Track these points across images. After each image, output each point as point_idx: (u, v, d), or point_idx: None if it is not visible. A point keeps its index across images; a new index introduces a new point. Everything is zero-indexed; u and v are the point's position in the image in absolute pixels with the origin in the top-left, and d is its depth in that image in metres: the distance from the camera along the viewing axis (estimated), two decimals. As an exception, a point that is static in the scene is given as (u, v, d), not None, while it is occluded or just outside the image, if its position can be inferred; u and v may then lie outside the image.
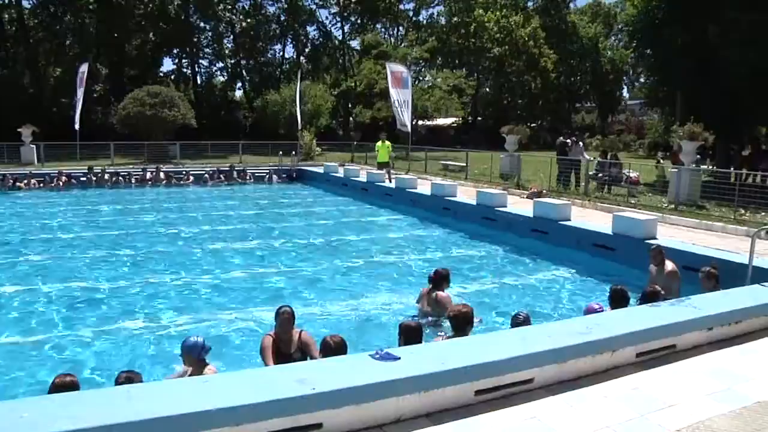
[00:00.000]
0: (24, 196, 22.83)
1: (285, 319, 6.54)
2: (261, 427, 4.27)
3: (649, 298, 7.39)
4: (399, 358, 5.10)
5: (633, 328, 6.09)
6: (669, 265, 9.09)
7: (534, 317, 7.59)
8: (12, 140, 30.65)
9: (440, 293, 8.56)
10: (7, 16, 50.66)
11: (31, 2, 51.33)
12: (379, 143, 23.86)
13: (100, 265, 12.15)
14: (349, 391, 4.60)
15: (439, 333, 7.65)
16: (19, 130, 30.63)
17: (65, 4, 49.98)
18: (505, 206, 15.68)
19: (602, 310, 7.09)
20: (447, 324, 8.17)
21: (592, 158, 21.67)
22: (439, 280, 8.69)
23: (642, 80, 60.96)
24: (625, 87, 75.10)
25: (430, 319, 8.45)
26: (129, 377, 5.32)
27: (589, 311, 7.05)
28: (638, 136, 49.76)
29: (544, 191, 19.17)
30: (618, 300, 7.37)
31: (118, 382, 5.26)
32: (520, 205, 16.54)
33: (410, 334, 6.22)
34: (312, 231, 16.28)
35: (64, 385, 5.07)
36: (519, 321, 6.92)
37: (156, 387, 4.91)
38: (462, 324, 6.49)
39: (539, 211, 14.09)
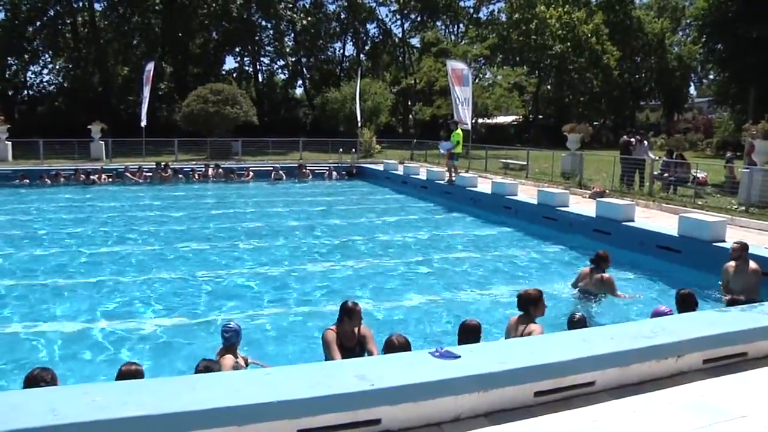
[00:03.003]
0: (99, 190, 23.68)
1: (355, 313, 6.58)
2: (319, 420, 4.33)
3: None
4: (459, 357, 5.09)
5: (700, 333, 5.91)
6: (752, 264, 8.82)
7: (596, 319, 7.50)
8: (82, 137, 31.81)
9: (605, 274, 9.42)
10: (80, 18, 52.52)
11: (102, 4, 53.13)
12: (452, 132, 22.53)
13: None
14: (408, 388, 4.60)
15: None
16: (89, 127, 31.77)
17: (133, 5, 51.48)
18: (567, 206, 15.49)
19: (671, 314, 6.93)
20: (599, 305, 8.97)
21: (657, 158, 21.13)
22: (600, 260, 9.56)
23: (711, 76, 58.96)
24: (693, 84, 72.84)
25: (592, 297, 9.37)
26: (208, 366, 5.51)
27: (657, 314, 6.89)
28: (706, 135, 48.15)
29: (607, 191, 18.79)
30: (685, 304, 7.19)
31: (197, 370, 5.45)
32: (582, 205, 16.30)
33: (470, 333, 6.21)
34: (370, 228, 16.40)
35: (129, 373, 5.29)
36: (575, 321, 6.83)
37: (219, 378, 5.02)
38: (525, 304, 6.69)
39: (602, 211, 13.87)
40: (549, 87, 60.86)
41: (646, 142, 21.45)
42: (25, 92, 55.39)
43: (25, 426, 3.78)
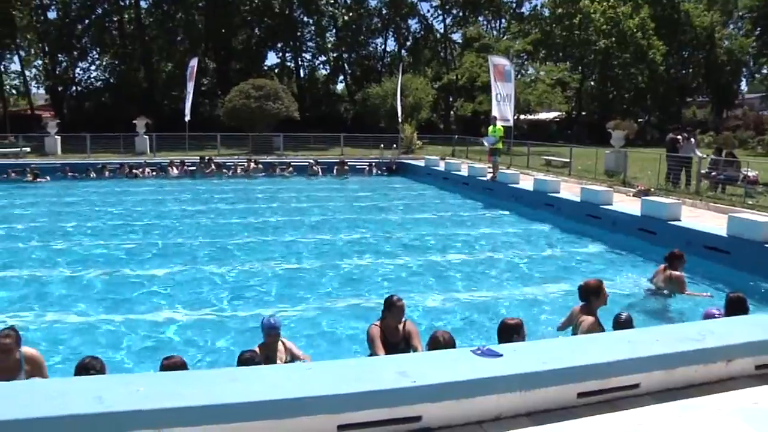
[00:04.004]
0: (145, 183, 24.21)
1: (398, 308, 6.56)
2: (359, 416, 4.31)
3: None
4: (501, 355, 5.03)
5: (752, 338, 5.70)
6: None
7: (642, 321, 7.37)
8: (128, 131, 32.46)
9: (674, 272, 9.36)
10: (126, 16, 53.62)
11: (147, 2, 54.16)
12: (490, 128, 22.40)
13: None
14: (449, 386, 4.57)
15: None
16: (134, 122, 32.41)
17: (177, 2, 52.32)
18: (611, 204, 15.24)
19: (721, 317, 6.75)
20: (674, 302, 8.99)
21: (705, 155, 20.62)
22: (672, 258, 9.50)
23: (765, 71, 57.46)
24: (744, 79, 70.85)
25: (669, 295, 9.38)
26: (252, 356, 5.56)
27: (708, 316, 6.72)
28: (757, 133, 46.79)
29: (652, 189, 18.42)
30: (735, 308, 6.98)
31: (239, 361, 5.54)
32: (626, 204, 15.98)
33: (511, 331, 6.15)
34: (411, 224, 16.40)
35: (172, 366, 5.37)
36: (621, 321, 6.71)
37: (260, 371, 5.04)
38: (586, 294, 6.74)
39: (647, 210, 13.61)
40: (592, 83, 59.94)
41: (693, 140, 20.97)
42: (74, 88, 56.86)
43: (72, 412, 3.89)
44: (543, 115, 57.57)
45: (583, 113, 61.48)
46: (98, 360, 5.26)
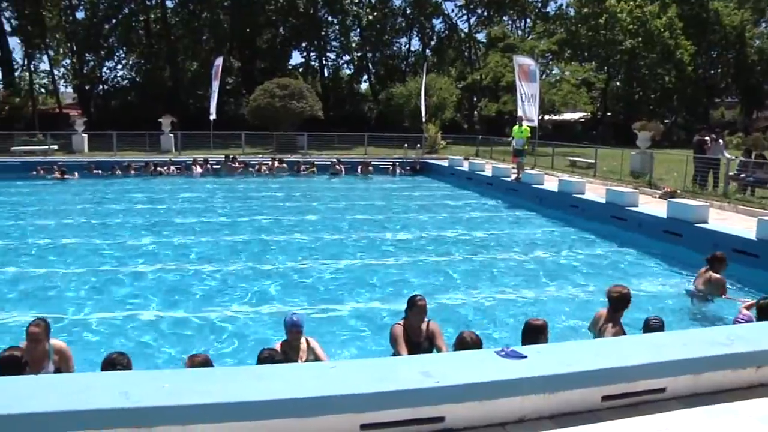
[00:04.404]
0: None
1: (421, 308, 6.54)
2: (382, 416, 4.33)
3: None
4: (525, 357, 5.01)
5: (784, 343, 5.59)
6: None
7: (676, 324, 7.30)
8: (153, 130, 32.79)
9: (714, 275, 9.19)
10: (152, 15, 54.17)
11: (173, 1, 54.73)
12: (516, 128, 22.21)
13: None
14: (473, 387, 4.56)
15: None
16: (159, 120, 32.74)
17: (202, 1, 52.73)
18: (637, 206, 15.08)
19: (746, 321, 6.65)
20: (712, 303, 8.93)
21: (733, 157, 20.31)
22: (713, 261, 9.33)
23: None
24: (775, 79, 69.42)
25: (707, 297, 9.25)
26: (271, 355, 5.58)
27: (739, 321, 6.62)
28: (789, 134, 46.12)
29: (679, 191, 18.20)
30: (765, 313, 6.88)
31: (260, 358, 5.54)
32: (652, 205, 15.83)
33: (535, 333, 6.10)
34: (432, 224, 16.38)
35: (195, 363, 5.41)
36: (652, 327, 6.62)
37: (284, 369, 5.07)
38: (617, 305, 6.62)
39: (673, 212, 13.45)
40: (618, 83, 59.33)
41: (721, 141, 20.65)
42: (101, 87, 57.56)
43: (98, 407, 3.95)
44: (568, 116, 57.15)
45: (609, 114, 60.88)
46: (125, 356, 5.35)
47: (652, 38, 52.48)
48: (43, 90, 57.48)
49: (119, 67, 57.87)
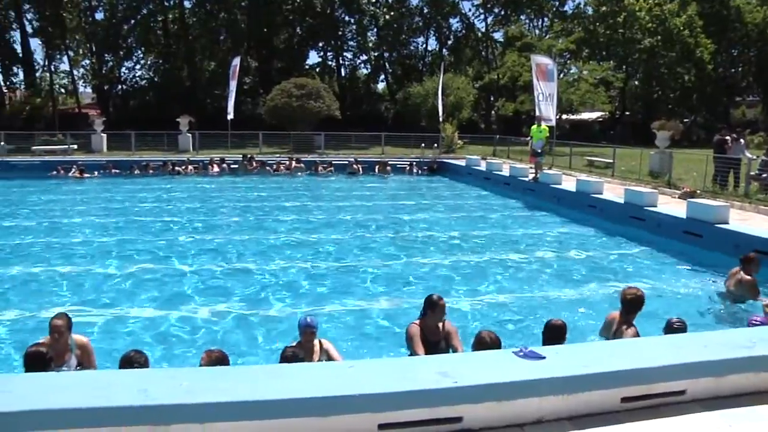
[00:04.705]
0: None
1: (442, 308, 6.49)
2: (400, 416, 4.31)
3: None
4: (544, 357, 4.96)
5: (808, 346, 5.49)
6: None
7: (702, 326, 7.22)
8: (171, 129, 33.00)
9: (746, 276, 9.06)
10: (170, 16, 54.57)
11: (191, 2, 55.09)
12: (534, 127, 22.00)
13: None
14: (491, 387, 4.53)
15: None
16: (177, 120, 32.94)
17: (220, 2, 53.02)
18: (656, 206, 14.96)
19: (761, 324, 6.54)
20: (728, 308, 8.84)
21: (755, 157, 20.08)
22: (745, 261, 9.20)
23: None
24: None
25: (740, 299, 9.09)
26: (295, 353, 5.59)
27: (753, 323, 6.53)
28: (811, 134, 45.43)
29: (698, 191, 18.03)
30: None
31: (283, 357, 5.56)
32: (671, 206, 15.70)
33: (555, 333, 6.07)
34: (451, 224, 16.35)
35: (212, 358, 5.44)
36: (674, 328, 6.54)
37: (304, 368, 5.07)
38: (630, 308, 6.50)
39: (693, 212, 13.32)
40: (636, 82, 58.91)
41: (742, 140, 20.42)
42: (119, 87, 58.16)
43: (117, 404, 3.98)
44: (585, 115, 56.78)
45: (627, 113, 60.47)
46: (142, 354, 5.39)
47: (672, 37, 52.01)
48: (62, 90, 58.23)
49: (137, 67, 58.68)
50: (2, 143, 28.77)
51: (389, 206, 19.50)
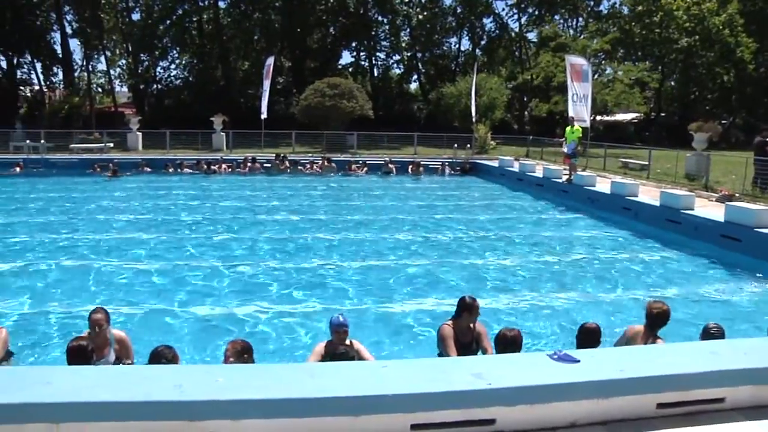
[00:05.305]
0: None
1: (476, 309, 6.47)
2: (433, 416, 4.29)
3: None
4: (578, 361, 4.89)
5: None
6: None
7: (742, 333, 7.09)
8: (205, 128, 33.38)
9: None
10: (205, 16, 55.22)
11: (225, 2, 55.68)
12: (568, 129, 21.75)
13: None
14: (525, 390, 4.49)
15: None
16: (211, 119, 33.31)
17: (254, 2, 53.47)
18: (692, 209, 14.70)
19: None
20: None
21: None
22: None
23: None
24: None
25: None
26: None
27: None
28: None
29: (737, 194, 17.68)
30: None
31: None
32: (708, 209, 15.40)
33: (589, 336, 5.99)
34: (484, 225, 16.28)
35: (237, 347, 5.53)
36: (711, 334, 6.41)
37: (337, 367, 5.08)
38: (656, 322, 6.34)
39: (731, 216, 13.07)
40: (673, 83, 57.96)
41: (784, 143, 19.99)
42: (155, 86, 58.94)
43: (155, 398, 4.04)
44: (620, 116, 56.02)
45: (662, 114, 59.51)
46: (171, 349, 5.45)
47: (710, 36, 50.95)
48: (100, 89, 59.28)
49: (173, 66, 59.44)
50: (42, 141, 29.36)
51: (424, 206, 19.46)
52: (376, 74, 63.23)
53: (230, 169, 27.31)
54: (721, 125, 40.66)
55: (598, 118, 49.90)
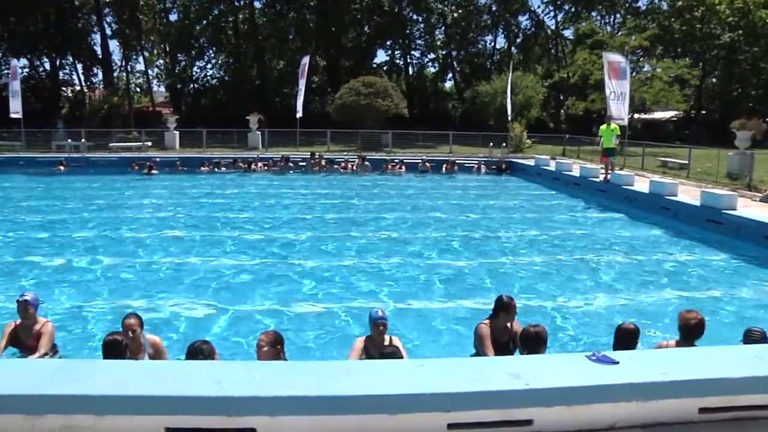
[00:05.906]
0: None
1: (513, 309, 6.41)
2: (470, 416, 4.27)
3: None
4: (617, 362, 4.82)
5: None
6: None
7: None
8: (241, 127, 33.72)
9: None
10: (241, 16, 55.82)
11: (261, 2, 56.26)
12: (603, 127, 21.44)
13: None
14: (563, 391, 4.45)
15: None
16: (247, 117, 33.65)
17: (290, 2, 53.86)
18: (735, 209, 14.40)
19: None
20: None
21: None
22: None
23: None
24: None
25: None
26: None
27: None
28: None
29: (782, 194, 17.29)
30: None
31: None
32: (752, 209, 15.10)
33: (627, 338, 5.90)
34: (521, 224, 16.20)
35: (269, 337, 5.62)
36: (754, 338, 6.25)
37: (374, 365, 5.11)
38: (693, 333, 6.10)
39: (776, 216, 12.77)
40: (714, 80, 56.75)
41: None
42: (191, 85, 59.80)
43: (195, 393, 4.12)
44: (659, 114, 55.06)
45: (703, 112, 58.34)
46: (208, 344, 5.50)
47: (755, 30, 49.61)
48: (138, 89, 60.31)
49: (209, 66, 60.29)
50: (83, 140, 29.97)
51: (461, 205, 19.38)
52: (410, 73, 63.18)
53: (266, 168, 27.55)
54: (766, 123, 39.66)
55: (636, 116, 49.15)
